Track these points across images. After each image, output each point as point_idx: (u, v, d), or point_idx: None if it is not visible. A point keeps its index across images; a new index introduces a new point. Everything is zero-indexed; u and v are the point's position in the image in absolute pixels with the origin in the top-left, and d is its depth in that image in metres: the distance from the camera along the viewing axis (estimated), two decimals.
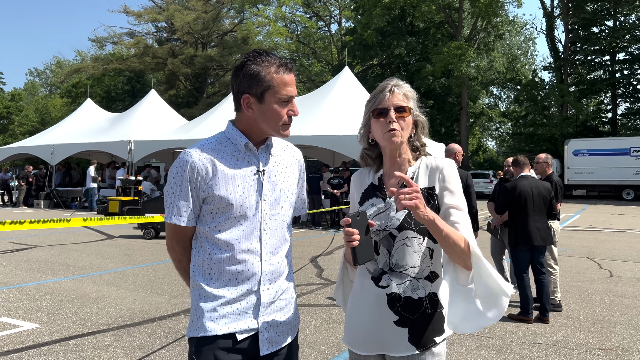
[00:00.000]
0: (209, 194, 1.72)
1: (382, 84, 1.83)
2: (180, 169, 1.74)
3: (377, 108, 1.79)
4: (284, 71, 1.73)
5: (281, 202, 1.83)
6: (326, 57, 45.01)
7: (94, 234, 12.46)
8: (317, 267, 8.27)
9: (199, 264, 1.78)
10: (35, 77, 68.14)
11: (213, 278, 1.75)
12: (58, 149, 20.46)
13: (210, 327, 1.72)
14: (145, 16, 42.42)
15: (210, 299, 1.74)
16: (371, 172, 1.93)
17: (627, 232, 13.40)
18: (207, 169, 1.72)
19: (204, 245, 1.77)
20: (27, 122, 49.54)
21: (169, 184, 1.77)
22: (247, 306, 1.75)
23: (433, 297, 1.74)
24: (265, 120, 1.75)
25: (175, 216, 1.75)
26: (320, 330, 4.96)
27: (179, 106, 37.34)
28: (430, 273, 1.75)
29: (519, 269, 5.43)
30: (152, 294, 6.36)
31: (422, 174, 1.82)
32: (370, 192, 1.89)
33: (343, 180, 14.97)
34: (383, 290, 1.75)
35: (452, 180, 1.79)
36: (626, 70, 34.24)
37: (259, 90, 1.72)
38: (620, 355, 4.34)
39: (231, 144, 1.79)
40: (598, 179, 26.23)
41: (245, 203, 1.74)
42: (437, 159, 1.84)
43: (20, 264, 8.32)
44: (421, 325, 1.72)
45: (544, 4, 36.24)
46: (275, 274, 1.80)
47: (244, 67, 1.74)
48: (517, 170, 5.73)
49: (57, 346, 4.45)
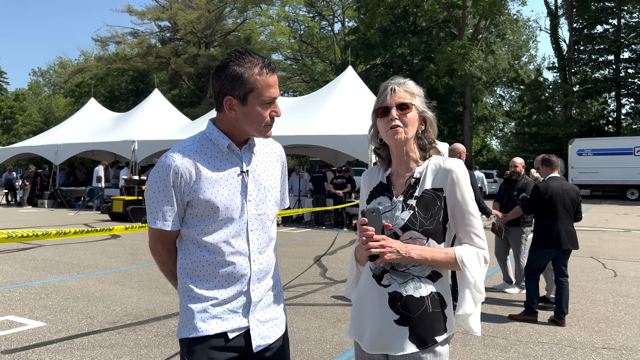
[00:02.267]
0: (193, 197, 1.71)
1: (384, 83, 1.85)
2: (163, 174, 1.70)
3: (381, 107, 1.81)
4: (267, 72, 1.70)
5: (266, 202, 1.82)
6: (329, 57, 45.02)
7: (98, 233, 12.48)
8: (321, 266, 8.29)
9: (187, 266, 1.77)
10: (38, 77, 68.39)
11: (202, 280, 1.75)
12: (62, 149, 20.54)
13: (201, 328, 1.72)
14: (149, 15, 42.55)
15: (201, 300, 1.74)
16: (381, 171, 1.95)
17: (632, 231, 13.37)
18: (191, 172, 1.70)
19: (190, 248, 1.76)
20: (31, 121, 49.71)
21: (150, 188, 1.74)
22: (237, 306, 1.76)
23: (435, 297, 1.75)
24: (248, 122, 1.73)
25: (160, 221, 1.73)
26: (325, 329, 4.98)
27: (182, 106, 37.45)
28: (432, 272, 1.76)
29: (536, 271, 5.35)
30: (157, 293, 6.38)
31: (430, 174, 1.81)
32: (378, 191, 1.90)
33: (346, 180, 14.96)
34: (385, 289, 1.77)
35: (462, 183, 1.78)
36: (631, 69, 34.12)
37: (242, 92, 1.69)
38: (625, 354, 4.34)
39: (213, 145, 1.77)
40: (602, 178, 26.15)
41: (231, 205, 1.73)
42: (446, 159, 1.83)
43: (25, 263, 8.36)
44: (422, 324, 1.72)
45: (547, 3, 36.17)
46: (263, 273, 1.81)
47: (226, 67, 1.70)
48: (547, 170, 5.50)
49: (64, 344, 4.48)
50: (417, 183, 1.81)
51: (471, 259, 1.73)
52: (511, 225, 6.47)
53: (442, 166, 1.80)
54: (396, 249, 1.68)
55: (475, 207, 1.80)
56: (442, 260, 1.72)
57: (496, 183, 28.15)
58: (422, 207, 1.77)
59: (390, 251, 1.67)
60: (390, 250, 1.67)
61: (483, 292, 1.76)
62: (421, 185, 1.80)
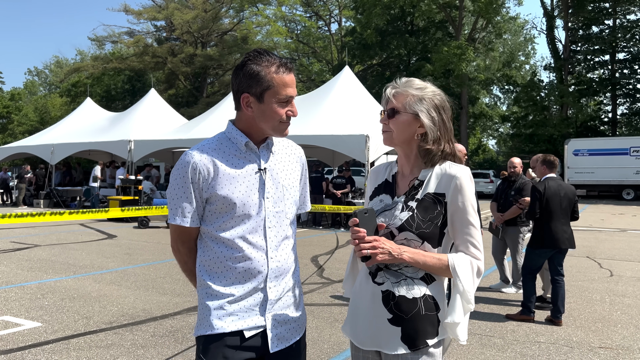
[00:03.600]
0: (211, 194, 1.73)
1: (386, 86, 1.88)
2: (182, 170, 1.74)
3: (381, 112, 1.86)
4: (284, 71, 1.74)
5: (284, 200, 1.84)
6: (326, 57, 45.02)
7: (94, 233, 12.46)
8: (318, 266, 8.29)
9: (205, 263, 1.79)
10: (34, 77, 68.11)
11: (220, 276, 1.76)
12: (58, 149, 20.44)
13: (217, 325, 1.73)
14: (145, 15, 42.43)
15: (218, 297, 1.75)
16: (388, 169, 1.95)
17: (628, 231, 13.42)
18: (209, 169, 1.73)
19: (209, 245, 1.78)
20: (27, 121, 49.49)
21: (171, 185, 1.78)
22: (253, 303, 1.76)
23: (429, 299, 1.74)
24: (264, 120, 1.76)
25: (180, 217, 1.76)
26: (322, 329, 4.98)
27: (178, 105, 37.34)
28: (425, 275, 1.75)
29: (533, 270, 5.38)
30: (153, 293, 6.36)
31: (434, 178, 1.79)
32: (382, 188, 1.91)
33: (346, 180, 14.95)
34: (378, 287, 1.77)
35: (465, 190, 1.75)
36: (626, 70, 34.24)
37: (258, 89, 1.73)
38: (621, 353, 4.35)
39: (232, 144, 1.80)
40: (598, 178, 26.24)
41: (248, 202, 1.75)
42: (452, 165, 1.80)
43: (21, 263, 8.32)
44: (414, 326, 1.72)
45: (544, 3, 36.27)
46: (281, 271, 1.81)
47: (244, 66, 1.75)
48: (546, 170, 5.51)
49: (60, 344, 4.46)
50: (420, 185, 1.80)
51: (464, 268, 1.71)
52: (508, 224, 6.48)
53: (447, 171, 1.78)
54: (388, 250, 1.68)
55: (476, 217, 1.77)
56: (434, 265, 1.71)
57: (492, 183, 28.22)
58: (422, 210, 1.75)
59: (382, 252, 1.67)
60: (382, 251, 1.67)
61: (472, 302, 1.73)
62: (424, 188, 1.79)
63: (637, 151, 25.47)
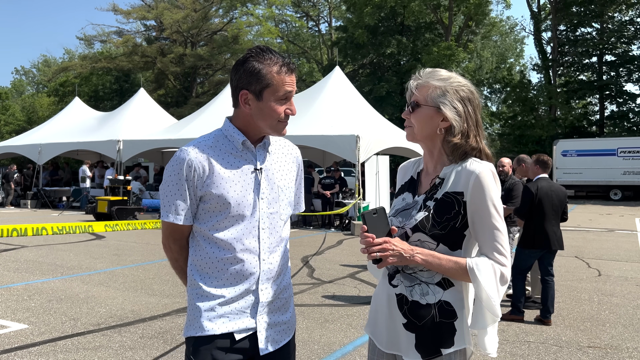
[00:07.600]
0: (206, 192, 1.70)
1: None
2: (177, 167, 1.71)
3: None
4: (285, 71, 1.70)
5: (279, 201, 1.81)
6: (316, 57, 45.00)
7: (82, 234, 12.33)
8: (309, 267, 8.27)
9: (197, 263, 1.76)
10: (22, 76, 67.29)
11: (211, 277, 1.74)
12: (45, 149, 20.23)
13: (207, 327, 1.71)
14: (134, 14, 42.13)
15: (208, 298, 1.73)
16: (415, 165, 1.86)
17: (615, 231, 13.55)
18: (204, 167, 1.70)
19: (201, 244, 1.75)
20: (14, 121, 48.89)
21: (165, 182, 1.75)
22: (245, 305, 1.74)
23: (444, 305, 1.63)
24: (262, 117, 1.72)
25: (173, 215, 1.73)
26: (312, 329, 4.96)
27: (168, 105, 37.09)
28: (442, 279, 1.63)
29: (523, 269, 5.40)
30: (142, 294, 6.31)
31: (454, 175, 1.65)
32: (406, 186, 1.83)
33: (334, 180, 14.93)
34: (393, 290, 1.70)
35: (485, 188, 1.59)
36: (613, 72, 34.57)
37: (257, 87, 1.69)
38: (610, 352, 4.38)
39: (228, 142, 1.77)
40: (586, 179, 26.49)
41: (243, 202, 1.72)
42: (474, 161, 1.65)
43: (7, 265, 8.21)
44: (428, 333, 1.62)
45: (530, 5, 36.54)
46: (273, 273, 1.79)
47: (245, 62, 1.71)
48: (538, 170, 5.51)
49: (47, 347, 4.40)
50: (440, 184, 1.68)
51: (485, 272, 1.56)
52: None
53: (467, 168, 1.63)
54: (399, 251, 1.58)
55: (499, 218, 1.60)
56: (451, 268, 1.58)
57: None
58: (439, 210, 1.63)
59: (392, 254, 1.58)
60: (392, 253, 1.58)
61: (497, 312, 1.57)
62: (443, 186, 1.66)
63: (624, 152, 25.76)
